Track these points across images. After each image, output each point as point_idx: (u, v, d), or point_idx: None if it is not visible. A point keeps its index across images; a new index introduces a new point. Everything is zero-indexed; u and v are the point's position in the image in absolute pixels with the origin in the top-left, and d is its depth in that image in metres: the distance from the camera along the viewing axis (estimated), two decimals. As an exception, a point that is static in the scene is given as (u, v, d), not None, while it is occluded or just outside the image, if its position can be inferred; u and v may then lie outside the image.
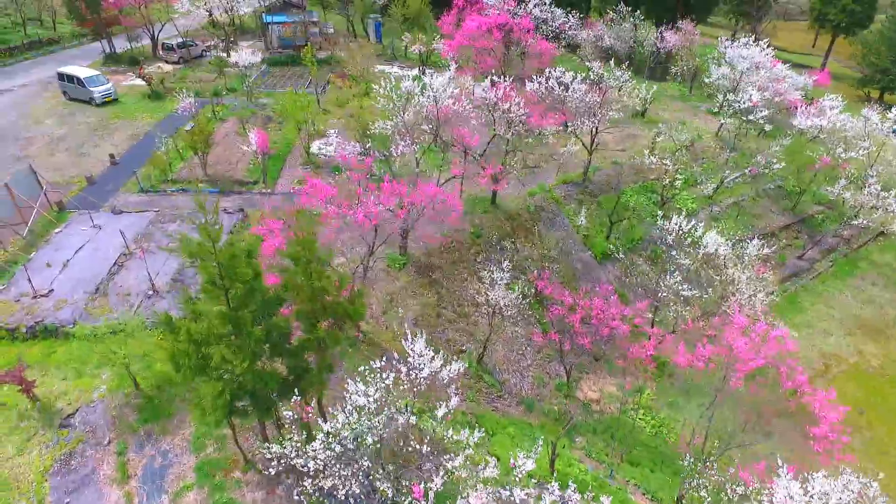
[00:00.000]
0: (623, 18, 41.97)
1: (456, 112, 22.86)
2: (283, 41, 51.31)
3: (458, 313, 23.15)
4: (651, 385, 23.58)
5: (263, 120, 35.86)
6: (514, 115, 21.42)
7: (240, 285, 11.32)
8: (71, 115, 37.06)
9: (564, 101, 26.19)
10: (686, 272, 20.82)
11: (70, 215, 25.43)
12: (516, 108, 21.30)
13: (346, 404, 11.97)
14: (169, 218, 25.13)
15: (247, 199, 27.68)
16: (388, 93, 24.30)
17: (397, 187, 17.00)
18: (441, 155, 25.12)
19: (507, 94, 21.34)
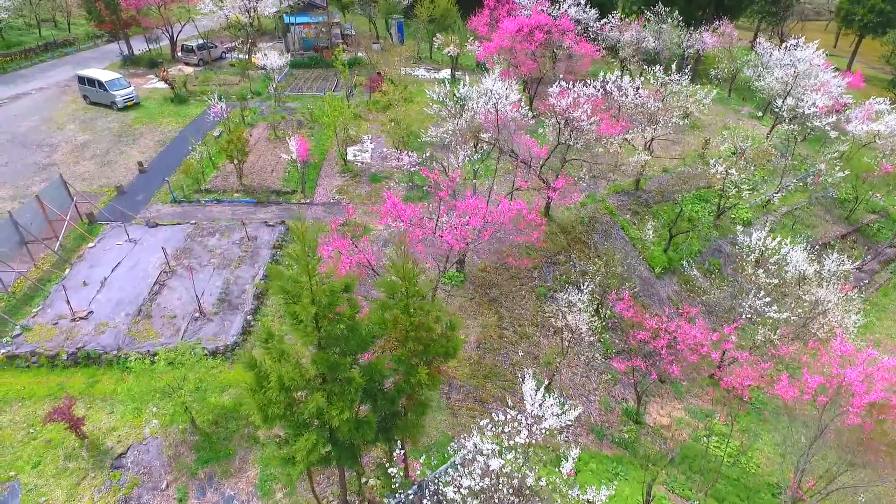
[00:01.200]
0: (661, 19, 40.52)
1: (514, 119, 21.46)
2: (304, 42, 49.94)
3: (520, 334, 21.74)
4: (721, 410, 22.19)
5: (294, 125, 34.47)
6: (585, 123, 20.01)
7: (341, 326, 9.90)
8: (93, 120, 35.69)
9: (621, 107, 24.77)
10: (768, 291, 19.39)
11: (102, 228, 24.04)
12: (585, 116, 19.89)
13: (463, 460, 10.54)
14: (207, 231, 23.72)
15: (286, 210, 26.27)
16: (440, 98, 22.86)
17: (477, 204, 15.53)
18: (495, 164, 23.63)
19: (576, 101, 19.92)
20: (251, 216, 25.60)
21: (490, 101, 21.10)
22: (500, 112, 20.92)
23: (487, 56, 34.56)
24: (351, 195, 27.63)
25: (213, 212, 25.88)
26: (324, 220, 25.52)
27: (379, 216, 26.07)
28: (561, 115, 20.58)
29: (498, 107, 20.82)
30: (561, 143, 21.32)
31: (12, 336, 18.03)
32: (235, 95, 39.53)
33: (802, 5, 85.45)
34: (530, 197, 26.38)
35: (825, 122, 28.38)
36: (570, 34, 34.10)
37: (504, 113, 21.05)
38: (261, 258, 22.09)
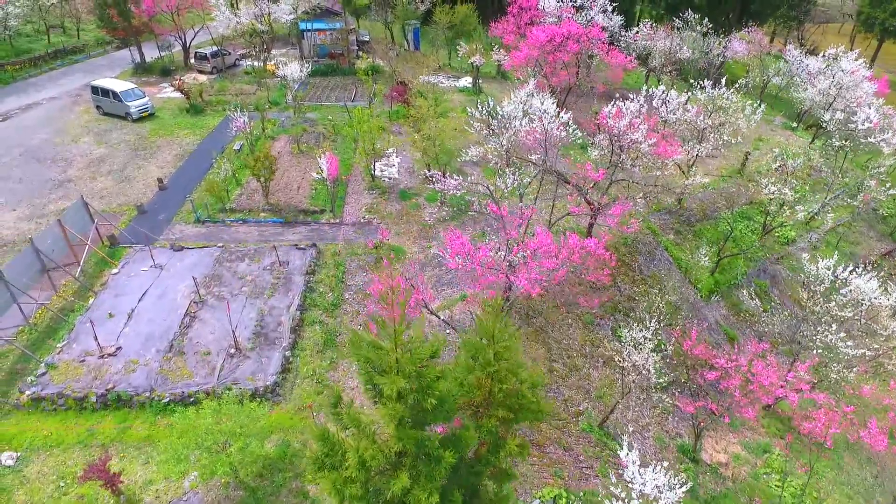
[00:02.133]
0: (690, 26, 39.34)
1: (562, 139, 20.31)
2: (320, 49, 48.76)
3: (569, 366, 20.58)
4: (779, 444, 21.03)
5: (316, 138, 33.32)
6: (644, 146, 18.85)
7: (431, 401, 8.73)
8: (107, 133, 34.56)
9: (667, 123, 23.61)
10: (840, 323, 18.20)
11: (125, 252, 22.89)
12: (643, 138, 18.71)
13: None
14: (236, 255, 22.56)
15: (315, 230, 25.11)
16: (481, 115, 21.66)
17: (548, 241, 14.30)
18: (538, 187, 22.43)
19: (634, 123, 18.73)
20: (279, 238, 24.46)
21: (537, 120, 19.92)
22: (549, 132, 19.77)
23: (517, 66, 33.34)
24: (381, 214, 26.48)
25: (240, 233, 24.73)
26: (355, 241, 24.39)
27: (410, 236, 25.10)
28: (617, 138, 19.41)
29: (548, 127, 19.65)
30: (614, 166, 20.17)
31: (37, 375, 16.88)
32: (253, 105, 38.41)
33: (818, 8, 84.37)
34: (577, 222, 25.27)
35: (880, 138, 27.20)
36: (602, 44, 32.92)
37: (553, 133, 19.90)
38: (294, 285, 20.93)
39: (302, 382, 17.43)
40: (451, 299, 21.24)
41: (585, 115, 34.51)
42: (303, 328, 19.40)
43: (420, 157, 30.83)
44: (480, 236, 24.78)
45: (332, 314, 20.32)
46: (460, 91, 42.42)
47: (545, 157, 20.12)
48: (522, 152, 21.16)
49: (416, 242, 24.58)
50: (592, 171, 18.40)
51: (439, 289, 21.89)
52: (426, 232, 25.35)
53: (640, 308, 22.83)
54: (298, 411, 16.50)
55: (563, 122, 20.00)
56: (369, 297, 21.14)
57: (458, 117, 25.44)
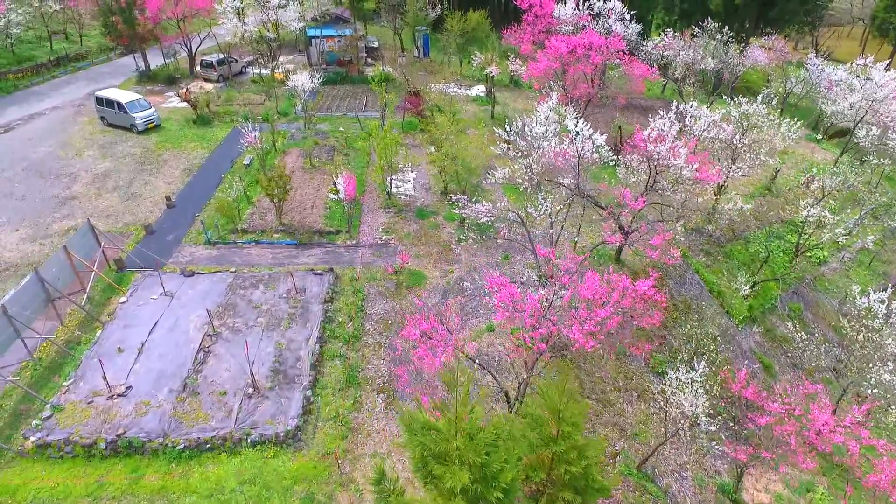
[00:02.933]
0: (710, 35, 38.28)
1: (594, 161, 19.26)
2: (329, 56, 47.73)
3: (602, 401, 19.51)
4: (822, 481, 19.98)
5: (328, 152, 32.25)
6: (686, 171, 17.79)
7: (498, 494, 7.65)
8: (112, 145, 33.52)
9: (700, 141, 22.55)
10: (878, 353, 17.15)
11: (133, 277, 21.83)
12: (685, 163, 17.65)
13: None
14: (250, 282, 21.49)
15: (330, 252, 24.04)
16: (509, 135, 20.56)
17: (593, 283, 13.16)
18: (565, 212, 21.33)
19: (675, 147, 17.64)
20: (294, 260, 23.40)
21: (569, 142, 18.85)
22: (582, 155, 18.72)
23: (536, 77, 32.27)
24: (399, 234, 25.41)
25: (252, 255, 23.66)
26: (374, 265, 23.33)
27: (430, 258, 24.02)
28: (655, 162, 18.35)
29: (580, 149, 18.59)
30: (650, 189, 19.12)
31: (42, 418, 15.82)
32: (262, 116, 37.38)
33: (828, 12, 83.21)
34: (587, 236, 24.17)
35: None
36: (622, 54, 31.87)
37: (587, 156, 18.85)
38: (312, 315, 19.87)
39: (324, 425, 16.36)
40: (477, 330, 20.17)
41: (607, 128, 33.45)
42: (323, 363, 18.33)
43: (437, 172, 29.83)
44: (504, 259, 23.75)
45: (352, 346, 19.25)
46: (473, 101, 41.38)
47: (577, 180, 19.06)
48: (551, 174, 20.10)
49: (437, 266, 23.52)
50: (631, 199, 17.32)
51: (464, 318, 20.82)
52: (447, 254, 24.29)
53: (674, 337, 21.81)
54: (322, 458, 15.44)
55: (596, 145, 18.92)
56: (390, 327, 20.10)
57: (478, 133, 24.36)
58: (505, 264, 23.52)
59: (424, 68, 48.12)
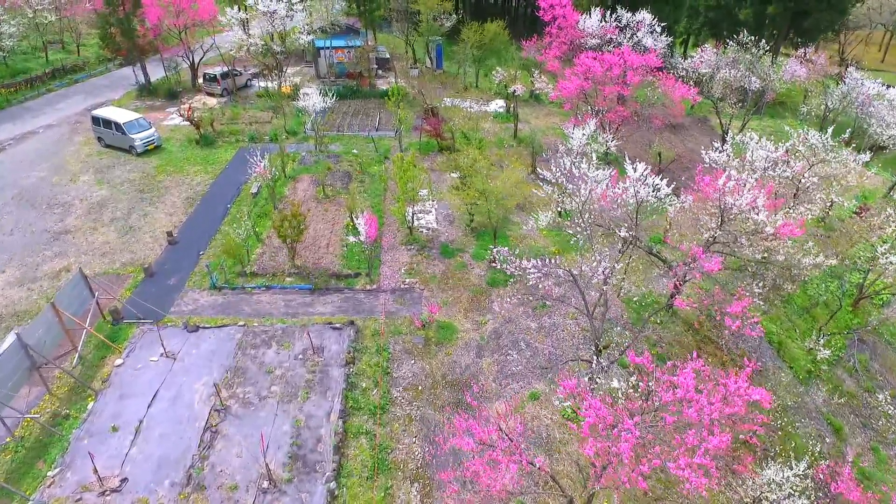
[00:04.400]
0: (746, 49, 35.91)
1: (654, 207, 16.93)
2: (338, 68, 45.42)
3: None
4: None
5: (342, 178, 29.91)
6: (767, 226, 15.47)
7: None
8: (109, 169, 31.23)
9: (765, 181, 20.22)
10: None
11: (131, 333, 19.50)
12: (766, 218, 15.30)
13: None
14: (261, 339, 19.16)
15: (349, 299, 21.70)
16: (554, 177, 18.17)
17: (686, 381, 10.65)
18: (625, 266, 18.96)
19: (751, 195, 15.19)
20: (309, 310, 21.07)
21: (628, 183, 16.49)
22: (640, 200, 16.40)
23: (566, 98, 29.93)
24: (423, 276, 23.08)
25: (263, 303, 21.33)
26: (398, 315, 20.99)
27: (460, 306, 21.68)
28: (729, 213, 16.01)
29: (640, 194, 16.26)
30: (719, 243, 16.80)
31: (22, 522, 13.52)
32: (269, 136, 35.09)
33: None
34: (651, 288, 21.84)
35: None
36: (659, 72, 29.54)
37: (645, 199, 16.52)
38: (333, 382, 17.54)
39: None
40: (519, 398, 17.83)
41: (642, 151, 31.10)
42: (346, 442, 15.99)
43: (461, 202, 27.51)
44: (541, 307, 21.41)
45: (379, 419, 16.91)
46: (493, 117, 39.02)
47: (635, 231, 16.73)
48: (599, 216, 17.75)
49: (468, 316, 21.18)
50: (706, 260, 14.96)
51: (502, 381, 18.48)
52: (478, 301, 21.95)
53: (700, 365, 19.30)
54: (350, 573, 13.12)
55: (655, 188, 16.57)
56: (420, 395, 17.76)
57: (511, 167, 22.05)
58: (544, 313, 21.20)
59: (438, 81, 45.80)
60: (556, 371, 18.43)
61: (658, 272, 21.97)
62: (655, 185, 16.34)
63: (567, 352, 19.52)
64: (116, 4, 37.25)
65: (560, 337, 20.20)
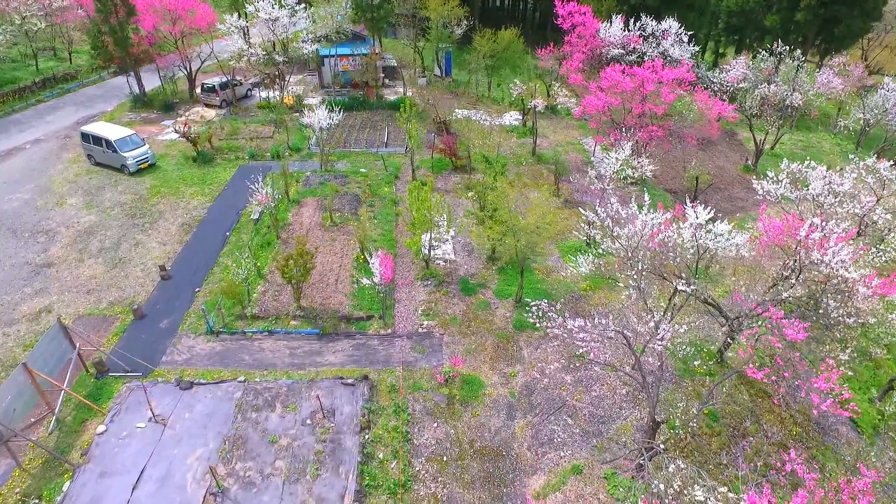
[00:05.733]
0: (780, 59, 33.68)
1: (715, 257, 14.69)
2: (343, 78, 43.18)
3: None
4: None
5: (351, 202, 27.65)
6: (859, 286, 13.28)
7: None
8: (99, 191, 28.99)
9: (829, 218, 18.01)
10: None
11: (116, 391, 17.25)
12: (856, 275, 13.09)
13: None
14: (264, 398, 16.91)
15: (361, 346, 19.45)
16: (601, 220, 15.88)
17: None
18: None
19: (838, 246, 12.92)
20: (317, 359, 18.83)
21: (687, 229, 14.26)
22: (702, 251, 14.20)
23: (591, 115, 27.69)
24: (442, 318, 20.83)
25: (265, 351, 19.09)
26: (416, 366, 18.73)
27: (485, 355, 19.42)
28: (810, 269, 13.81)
29: (701, 239, 14.04)
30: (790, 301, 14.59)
31: None
32: (270, 152, 32.87)
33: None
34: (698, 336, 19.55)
35: None
36: (692, 86, 27.30)
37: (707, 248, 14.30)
38: (346, 454, 15.29)
39: None
40: (559, 472, 15.57)
41: (673, 172, 28.88)
42: (364, 533, 13.75)
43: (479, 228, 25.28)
44: (581, 357, 19.15)
45: (401, 499, 14.66)
46: (508, 131, 36.74)
47: (695, 284, 14.49)
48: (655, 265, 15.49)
49: (495, 367, 18.94)
50: (789, 327, 12.76)
51: (538, 450, 16.23)
52: (504, 348, 19.72)
53: (796, 462, 17.05)
54: None
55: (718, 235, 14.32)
56: (446, 467, 15.52)
57: (541, 196, 19.83)
58: (580, 363, 18.95)
59: (448, 90, 43.56)
60: (601, 439, 16.20)
61: (708, 318, 19.71)
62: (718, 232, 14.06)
63: (610, 412, 17.28)
64: (109, 12, 34.97)
65: (601, 393, 17.95)
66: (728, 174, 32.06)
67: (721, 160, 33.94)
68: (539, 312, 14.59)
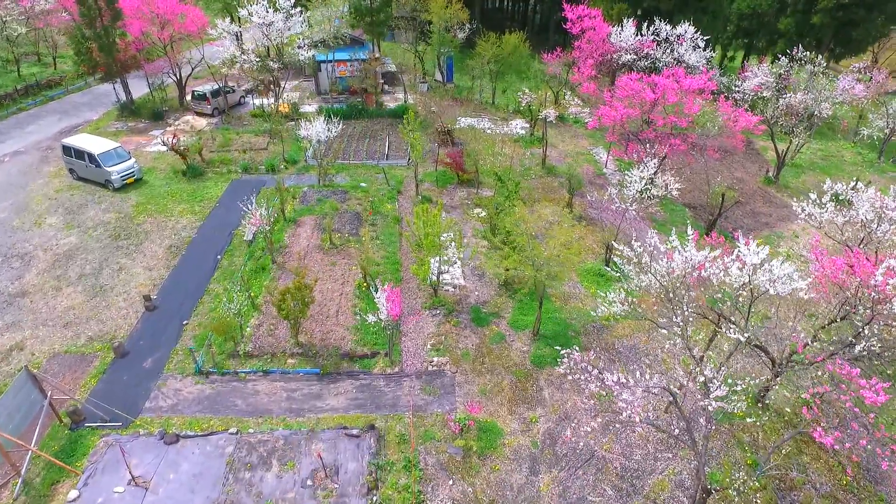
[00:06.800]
0: (800, 66, 32.07)
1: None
2: (341, 84, 41.36)
3: None
4: None
5: (351, 221, 25.84)
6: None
7: None
8: (81, 209, 27.07)
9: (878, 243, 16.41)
10: None
11: (92, 444, 15.41)
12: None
13: None
14: (259, 453, 15.10)
15: (366, 388, 17.64)
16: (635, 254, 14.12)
17: None
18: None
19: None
20: (317, 403, 17.02)
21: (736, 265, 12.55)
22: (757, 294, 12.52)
23: (608, 127, 25.98)
24: (454, 354, 19.05)
25: (260, 395, 17.27)
26: (427, 410, 16.95)
27: (503, 396, 17.64)
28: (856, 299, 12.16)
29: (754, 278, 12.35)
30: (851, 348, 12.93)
31: None
32: (265, 165, 31.02)
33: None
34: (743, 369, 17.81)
35: None
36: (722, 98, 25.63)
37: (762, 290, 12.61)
38: (352, 522, 13.51)
39: None
40: (592, 540, 13.83)
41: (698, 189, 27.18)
42: None
43: (490, 253, 23.59)
44: (605, 397, 17.43)
45: (414, 578, 12.89)
46: (514, 140, 34.99)
47: (748, 329, 12.79)
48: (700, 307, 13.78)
49: (514, 411, 17.17)
50: (868, 390, 11.10)
51: (567, 509, 14.49)
52: (523, 387, 17.96)
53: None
54: None
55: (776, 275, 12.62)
56: (466, 535, 13.75)
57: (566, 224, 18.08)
58: (607, 407, 17.21)
59: (450, 97, 41.77)
60: (638, 498, 14.47)
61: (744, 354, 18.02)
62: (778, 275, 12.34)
63: (644, 464, 15.57)
64: (93, 16, 33.04)
65: (632, 441, 16.23)
66: (748, 187, 30.42)
67: (739, 171, 32.31)
68: (571, 363, 12.82)
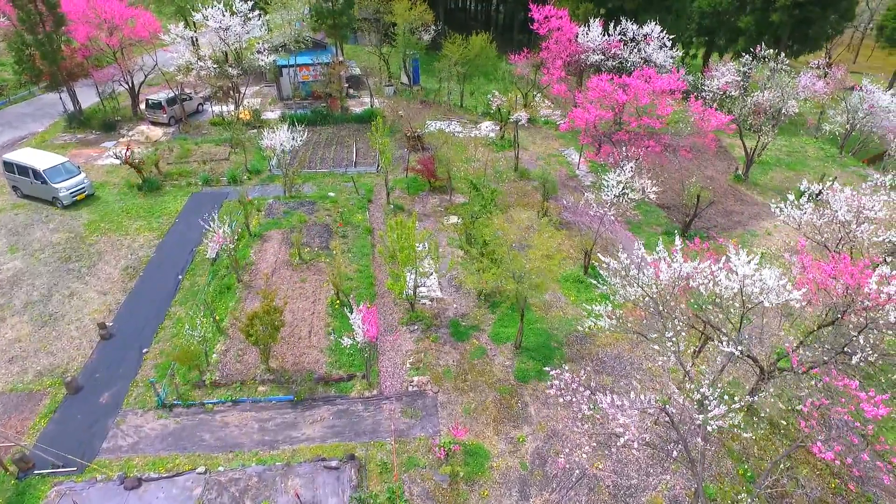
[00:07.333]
0: (763, 63, 32.47)
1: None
2: (304, 90, 40.05)
3: None
4: None
5: (320, 234, 24.75)
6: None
7: None
8: (27, 229, 25.22)
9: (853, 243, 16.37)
10: None
11: (42, 494, 14.03)
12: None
13: None
14: (230, 495, 13.99)
15: (344, 413, 16.68)
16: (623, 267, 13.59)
17: None
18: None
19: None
20: (292, 433, 15.99)
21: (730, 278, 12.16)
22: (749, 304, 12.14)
23: (579, 129, 25.59)
24: (434, 372, 18.26)
25: (230, 427, 16.12)
26: (410, 435, 16.11)
27: (487, 416, 16.95)
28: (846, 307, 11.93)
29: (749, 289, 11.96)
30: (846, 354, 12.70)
31: None
32: (226, 176, 29.59)
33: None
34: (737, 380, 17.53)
35: None
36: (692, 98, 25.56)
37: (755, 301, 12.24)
38: (334, 566, 12.57)
39: None
40: (588, 566, 13.24)
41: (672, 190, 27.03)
42: None
43: (464, 254, 22.92)
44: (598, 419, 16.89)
45: None
46: (484, 144, 34.35)
47: (746, 341, 12.41)
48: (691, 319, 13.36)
49: (500, 430, 16.49)
50: (867, 402, 10.79)
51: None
52: (508, 404, 17.29)
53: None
54: None
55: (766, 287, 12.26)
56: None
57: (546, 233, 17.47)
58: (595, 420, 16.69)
59: (418, 100, 40.94)
60: (631, 518, 13.97)
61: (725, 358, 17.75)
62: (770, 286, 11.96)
63: (636, 480, 15.09)
64: (34, 22, 30.94)
65: (622, 458, 15.75)
66: (719, 185, 30.54)
67: (710, 170, 32.46)
68: (561, 384, 12.19)
